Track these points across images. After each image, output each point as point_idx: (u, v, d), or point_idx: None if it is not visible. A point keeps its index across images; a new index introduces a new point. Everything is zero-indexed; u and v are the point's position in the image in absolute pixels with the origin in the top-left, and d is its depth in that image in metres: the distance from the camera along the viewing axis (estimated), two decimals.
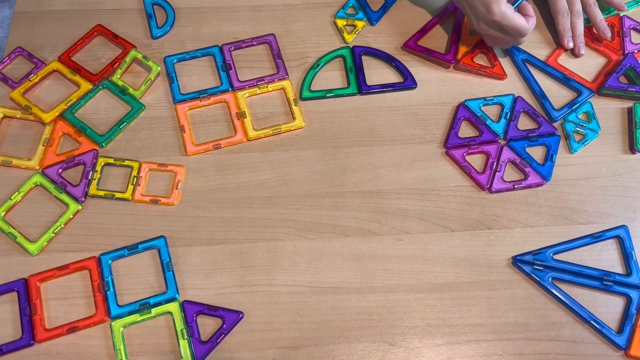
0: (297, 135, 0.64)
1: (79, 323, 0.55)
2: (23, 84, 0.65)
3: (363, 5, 0.72)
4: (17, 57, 0.68)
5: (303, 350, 0.54)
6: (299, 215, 0.60)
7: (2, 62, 0.67)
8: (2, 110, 0.64)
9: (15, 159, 0.62)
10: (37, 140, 0.63)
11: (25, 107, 0.64)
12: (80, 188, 0.60)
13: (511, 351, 0.54)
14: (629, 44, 0.69)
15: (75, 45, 0.68)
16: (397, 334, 0.55)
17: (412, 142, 0.64)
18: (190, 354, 0.53)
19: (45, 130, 0.63)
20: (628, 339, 0.54)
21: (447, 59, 0.68)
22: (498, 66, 0.68)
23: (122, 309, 0.55)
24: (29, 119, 0.64)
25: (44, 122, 0.64)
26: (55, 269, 0.57)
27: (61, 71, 0.67)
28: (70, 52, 0.68)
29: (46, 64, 0.67)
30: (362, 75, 0.67)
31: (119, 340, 0.54)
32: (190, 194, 0.61)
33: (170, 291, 0.56)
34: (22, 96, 0.65)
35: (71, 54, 0.68)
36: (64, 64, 0.67)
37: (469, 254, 0.58)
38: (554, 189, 0.62)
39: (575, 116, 0.65)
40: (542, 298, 0.56)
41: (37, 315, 0.55)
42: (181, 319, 0.55)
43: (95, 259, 0.57)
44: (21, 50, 0.68)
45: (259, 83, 0.66)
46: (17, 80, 0.66)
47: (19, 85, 0.65)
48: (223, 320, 0.55)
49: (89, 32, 0.69)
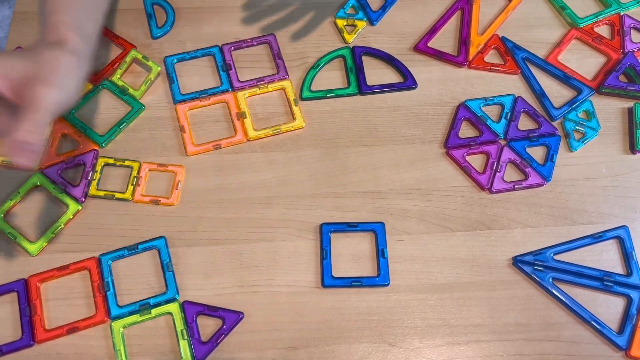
0: (297, 136, 0.64)
1: (79, 323, 0.55)
2: None
3: (363, 5, 0.72)
4: None
5: (303, 351, 0.54)
6: (299, 215, 0.60)
7: None
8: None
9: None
10: None
11: None
12: (80, 188, 0.60)
13: (512, 352, 0.54)
14: (629, 43, 0.69)
15: None
16: (398, 334, 0.55)
17: (413, 142, 0.64)
18: (190, 354, 0.53)
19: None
20: (628, 340, 0.54)
21: (459, 61, 0.68)
22: (510, 61, 0.68)
23: (122, 310, 0.55)
24: None
25: None
26: (55, 269, 0.57)
27: None
28: None
29: None
30: (362, 75, 0.67)
31: (119, 341, 0.54)
32: (190, 194, 0.61)
33: (170, 292, 0.56)
34: None
35: None
36: None
37: (469, 254, 0.58)
38: (554, 189, 0.61)
39: (575, 114, 0.65)
40: (542, 298, 0.56)
41: (37, 315, 0.55)
42: (181, 319, 0.55)
43: (95, 259, 0.57)
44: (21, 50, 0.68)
45: (259, 83, 0.66)
46: None
47: None
48: (223, 320, 0.55)
49: None
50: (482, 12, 0.71)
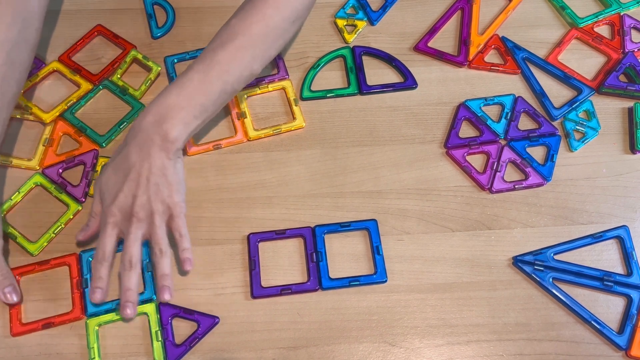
0: (297, 135, 0.64)
1: (54, 319, 0.54)
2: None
3: (363, 5, 0.72)
4: None
5: (303, 351, 0.54)
6: (299, 215, 0.60)
7: None
8: None
9: (15, 159, 0.62)
10: (37, 141, 0.63)
11: (25, 107, 0.64)
12: (80, 188, 0.60)
13: (512, 351, 0.54)
14: (629, 43, 0.69)
15: (76, 45, 0.68)
16: (398, 334, 0.55)
17: (413, 142, 0.64)
18: (163, 356, 0.53)
19: (46, 131, 0.63)
20: (629, 340, 0.54)
21: (459, 61, 0.68)
22: (510, 61, 0.68)
23: (99, 307, 0.55)
24: (29, 119, 0.64)
25: (44, 122, 0.64)
26: (36, 263, 0.56)
27: (61, 71, 0.67)
28: (70, 52, 0.68)
29: (46, 64, 0.67)
30: (362, 75, 0.67)
31: (93, 339, 0.53)
32: (190, 194, 0.61)
33: (147, 292, 0.55)
34: (22, 96, 0.65)
35: (71, 54, 0.68)
36: (64, 64, 0.67)
37: (469, 254, 0.58)
38: (554, 189, 0.61)
39: (575, 114, 0.65)
40: (542, 298, 0.56)
41: (15, 308, 0.55)
42: (157, 320, 0.54)
43: (76, 255, 0.57)
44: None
45: (259, 83, 0.66)
46: None
47: None
48: (198, 324, 0.54)
49: (89, 32, 0.69)
50: (482, 12, 0.72)
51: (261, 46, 0.56)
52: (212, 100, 0.55)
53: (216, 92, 0.55)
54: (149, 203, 0.52)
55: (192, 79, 0.54)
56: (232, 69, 0.55)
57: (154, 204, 0.52)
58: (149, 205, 0.52)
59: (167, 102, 0.54)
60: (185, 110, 0.53)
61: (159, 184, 0.52)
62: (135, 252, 0.52)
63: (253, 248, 0.58)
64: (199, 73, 0.54)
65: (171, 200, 0.53)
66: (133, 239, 0.52)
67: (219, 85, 0.55)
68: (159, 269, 0.53)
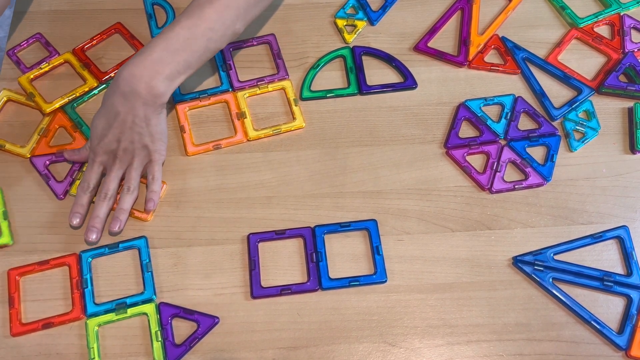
0: (297, 136, 0.64)
1: (54, 319, 0.54)
2: (33, 70, 0.66)
3: (363, 5, 0.72)
4: (35, 42, 0.69)
5: (303, 351, 0.54)
6: (299, 215, 0.60)
7: (20, 45, 0.68)
8: (7, 94, 0.65)
9: (9, 144, 0.62)
10: (34, 129, 0.63)
11: (29, 94, 0.64)
12: (62, 185, 0.60)
13: (512, 352, 0.54)
14: (629, 43, 0.69)
15: (92, 40, 0.68)
16: (398, 334, 0.55)
17: (413, 142, 0.64)
18: (163, 356, 0.53)
19: (44, 121, 0.64)
20: (628, 340, 0.54)
21: (459, 61, 0.68)
22: (510, 61, 0.68)
23: (99, 307, 0.55)
24: (30, 106, 0.65)
25: (43, 112, 0.64)
26: (36, 263, 0.57)
27: (72, 63, 0.67)
28: (86, 46, 0.68)
29: (60, 54, 0.67)
30: (362, 75, 0.67)
31: (93, 339, 0.53)
32: (190, 194, 0.61)
33: (147, 292, 0.56)
34: (29, 83, 0.65)
35: (86, 48, 0.68)
36: (76, 57, 0.67)
37: (469, 254, 0.58)
38: (554, 189, 0.61)
39: (575, 114, 0.65)
40: (542, 298, 0.56)
41: (14, 308, 0.55)
42: (156, 320, 0.54)
43: (76, 255, 0.57)
44: (40, 36, 0.68)
45: (259, 83, 0.66)
46: (30, 65, 0.67)
47: (29, 71, 0.66)
48: (198, 324, 0.54)
49: (108, 29, 0.69)
50: (482, 12, 0.72)
51: (246, 6, 0.58)
52: (196, 57, 0.57)
53: (201, 49, 0.57)
54: (132, 147, 0.58)
55: (178, 34, 0.56)
56: (217, 27, 0.57)
57: (136, 150, 0.58)
58: (132, 149, 0.58)
59: (152, 56, 0.55)
60: (170, 66, 0.56)
61: (141, 133, 0.57)
62: (112, 187, 0.58)
63: (253, 248, 0.58)
64: (185, 29, 0.56)
65: (152, 147, 0.58)
66: (113, 177, 0.58)
67: (203, 42, 0.57)
68: (121, 203, 0.58)
